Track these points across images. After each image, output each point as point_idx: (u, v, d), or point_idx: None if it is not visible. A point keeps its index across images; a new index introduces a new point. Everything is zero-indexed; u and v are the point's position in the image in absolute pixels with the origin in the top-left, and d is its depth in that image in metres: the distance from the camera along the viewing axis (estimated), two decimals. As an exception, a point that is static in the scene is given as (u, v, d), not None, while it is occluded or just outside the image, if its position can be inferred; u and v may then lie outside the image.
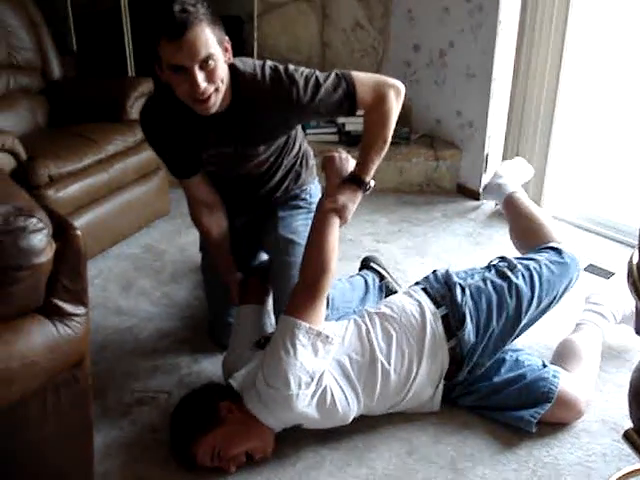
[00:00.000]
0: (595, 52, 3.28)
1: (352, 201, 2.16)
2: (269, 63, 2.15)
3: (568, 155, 3.45)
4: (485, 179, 3.76)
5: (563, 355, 2.32)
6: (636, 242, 1.36)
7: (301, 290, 2.05)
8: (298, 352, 1.93)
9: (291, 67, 2.13)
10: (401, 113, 4.06)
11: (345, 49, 4.21)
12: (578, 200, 3.59)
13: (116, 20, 4.05)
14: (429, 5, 3.83)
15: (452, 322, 2.17)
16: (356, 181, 2.17)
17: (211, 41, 1.92)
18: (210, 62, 1.93)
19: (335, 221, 2.12)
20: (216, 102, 2.02)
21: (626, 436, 1.37)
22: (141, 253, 3.28)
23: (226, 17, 3.73)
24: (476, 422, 2.18)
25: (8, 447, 1.60)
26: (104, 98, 3.46)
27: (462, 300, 2.19)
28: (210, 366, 2.45)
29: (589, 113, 3.50)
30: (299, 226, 2.44)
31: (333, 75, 2.15)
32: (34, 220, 1.47)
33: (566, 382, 2.16)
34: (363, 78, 2.18)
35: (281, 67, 2.13)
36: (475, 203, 3.79)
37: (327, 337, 1.99)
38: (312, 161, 2.62)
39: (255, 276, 2.49)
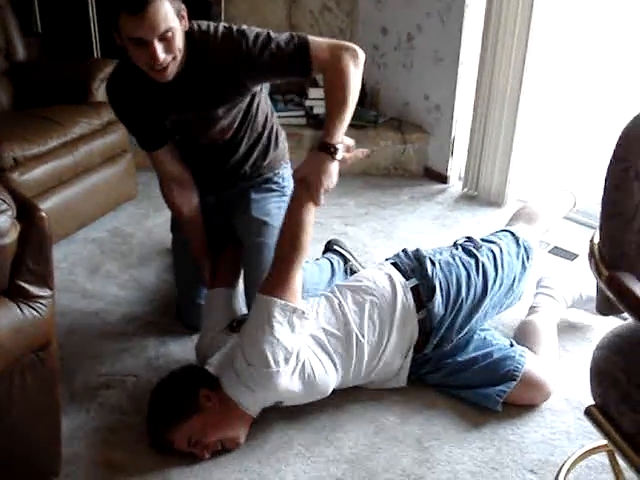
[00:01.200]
0: (561, 35, 3.31)
1: (321, 169, 2.05)
2: (223, 23, 2.18)
3: (534, 139, 3.48)
4: (452, 162, 3.79)
5: (524, 337, 2.36)
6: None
7: (275, 268, 2.06)
8: (275, 329, 1.95)
9: (244, 26, 2.15)
10: (369, 96, 4.11)
11: (313, 32, 4.17)
12: (543, 183, 3.63)
13: (81, 1, 3.99)
14: (397, -12, 3.84)
15: (422, 293, 2.20)
16: (320, 147, 2.08)
17: (170, 14, 1.96)
18: (169, 34, 1.98)
19: (307, 199, 2.08)
20: (173, 70, 2.07)
21: (588, 413, 1.40)
22: (108, 237, 3.25)
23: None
24: (442, 402, 2.21)
25: (-26, 430, 1.60)
26: (69, 80, 3.41)
27: (432, 272, 2.22)
28: (178, 348, 2.45)
29: (555, 96, 3.54)
30: (272, 209, 2.44)
31: (286, 33, 2.16)
32: (-3, 201, 1.46)
33: (532, 363, 2.20)
34: (318, 39, 2.16)
35: (234, 26, 2.15)
36: (442, 186, 3.81)
37: (302, 312, 2.02)
38: (283, 143, 2.61)
39: (224, 257, 2.49)
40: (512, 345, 2.26)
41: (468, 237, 2.42)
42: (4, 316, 1.53)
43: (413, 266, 2.27)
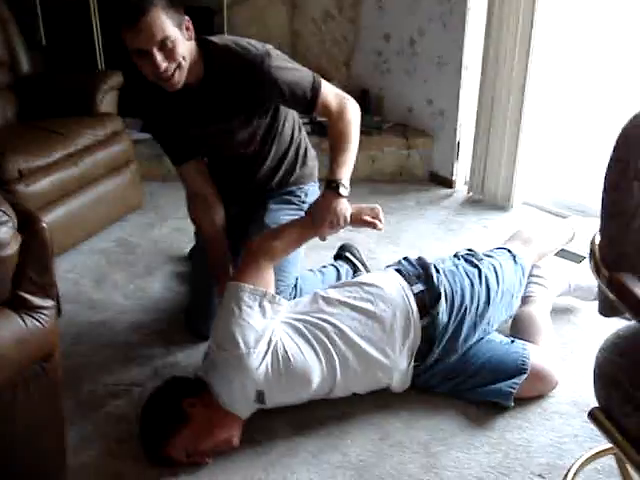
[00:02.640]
0: (563, 38, 3.30)
1: (325, 206, 2.16)
2: (248, 40, 2.24)
3: (538, 141, 3.47)
4: (457, 167, 3.78)
5: (523, 327, 2.38)
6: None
7: (245, 256, 2.12)
8: (244, 312, 1.98)
9: (270, 47, 2.23)
10: (374, 102, 4.11)
11: (315, 39, 4.20)
12: (549, 186, 3.62)
13: (85, 13, 4.02)
14: (399, -7, 3.85)
15: (427, 300, 2.19)
16: (326, 185, 2.19)
17: (166, 24, 2.02)
18: (168, 43, 2.03)
19: (308, 225, 2.18)
20: (181, 78, 2.12)
21: (592, 415, 1.39)
22: (114, 247, 3.26)
23: (196, 8, 3.72)
24: (448, 406, 2.20)
25: (-22, 442, 1.59)
26: (74, 92, 3.43)
27: (437, 279, 2.21)
28: (184, 358, 2.45)
29: (558, 98, 3.53)
30: (285, 220, 2.44)
31: (306, 71, 2.28)
32: (-2, 213, 1.47)
33: (537, 354, 2.20)
34: (328, 86, 2.31)
35: (260, 45, 2.22)
36: (447, 191, 3.81)
37: (273, 297, 2.04)
38: (313, 162, 2.66)
39: None
40: (513, 341, 2.25)
41: (469, 249, 2.42)
42: (6, 327, 1.53)
43: (417, 273, 2.26)
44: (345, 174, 2.19)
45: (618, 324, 1.53)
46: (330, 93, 2.29)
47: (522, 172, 3.47)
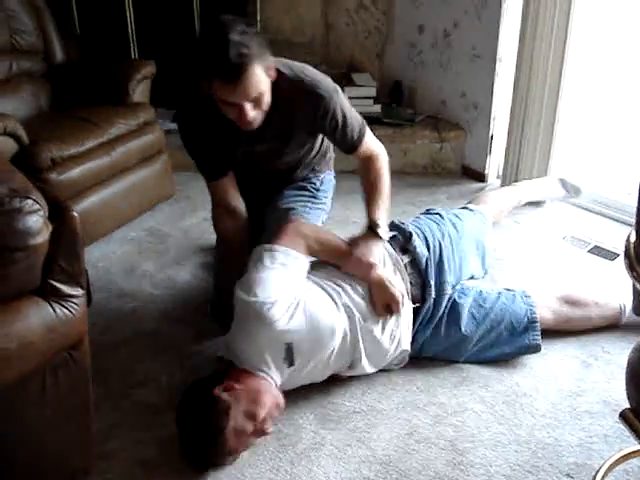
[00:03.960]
0: (600, 30, 3.25)
1: (366, 245, 2.23)
2: (314, 73, 2.27)
3: (573, 135, 3.43)
4: (490, 160, 3.74)
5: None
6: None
7: (286, 229, 2.21)
8: (266, 267, 2.05)
9: (332, 86, 2.26)
10: (406, 94, 4.08)
11: (349, 30, 4.17)
12: (583, 181, 3.57)
13: (119, 3, 4.04)
14: (433, -15, 3.81)
15: (402, 241, 2.37)
16: (369, 227, 2.28)
17: (261, 78, 2.02)
18: (259, 97, 2.05)
19: (345, 252, 2.24)
20: (259, 121, 2.14)
21: (623, 416, 1.38)
22: (145, 236, 3.28)
23: (230, -3, 3.73)
24: (476, 403, 2.18)
25: (8, 428, 1.61)
26: (107, 81, 3.45)
27: (404, 224, 2.43)
28: (212, 346, 2.44)
29: (594, 94, 3.48)
30: (297, 205, 2.50)
31: (358, 118, 2.36)
32: (29, 201, 1.48)
33: (539, 299, 2.41)
34: (371, 135, 2.41)
35: (323, 80, 2.25)
36: (480, 185, 3.77)
37: (297, 257, 2.11)
38: (330, 153, 2.69)
39: None
40: (509, 290, 2.43)
41: (427, 209, 2.67)
42: (37, 315, 1.54)
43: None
44: (383, 217, 2.27)
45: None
46: (371, 141, 2.39)
47: (556, 167, 3.42)
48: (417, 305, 2.29)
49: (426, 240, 2.38)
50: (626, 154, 3.59)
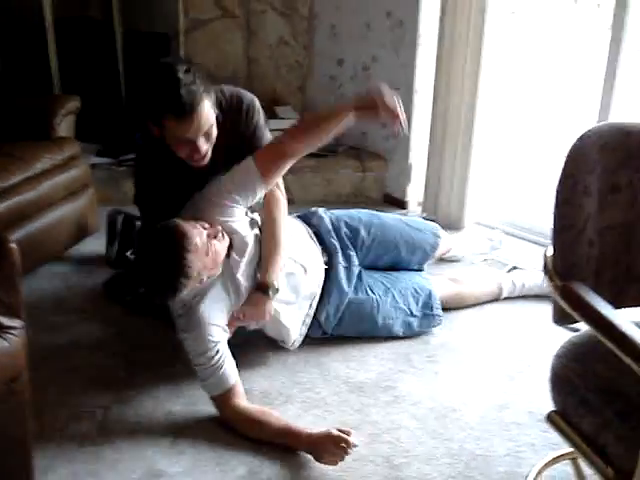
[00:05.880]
0: (512, 60, 3.44)
1: (256, 306, 2.34)
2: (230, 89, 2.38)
3: (489, 162, 3.59)
4: (410, 188, 3.87)
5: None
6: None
7: (277, 151, 2.35)
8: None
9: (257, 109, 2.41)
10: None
11: (271, 64, 4.27)
12: (499, 206, 3.73)
13: (41, 37, 4.02)
14: (351, 21, 3.94)
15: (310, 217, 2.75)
16: (259, 288, 2.35)
17: (210, 112, 2.11)
18: (210, 129, 2.13)
19: (344, 109, 2.35)
20: (209, 154, 2.21)
21: (549, 418, 1.46)
22: (72, 271, 3.25)
23: (153, 34, 3.78)
24: (409, 420, 2.26)
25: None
26: (31, 116, 3.40)
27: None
28: (147, 376, 2.45)
29: (508, 120, 3.66)
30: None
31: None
32: (-33, 234, 1.48)
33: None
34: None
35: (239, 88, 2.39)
36: (401, 212, 3.89)
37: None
38: None
39: None
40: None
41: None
42: (-25, 347, 1.54)
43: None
44: (276, 274, 2.35)
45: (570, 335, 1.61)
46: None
47: (473, 193, 3.57)
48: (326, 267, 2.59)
49: (337, 219, 2.76)
50: (541, 180, 3.78)
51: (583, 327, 1.39)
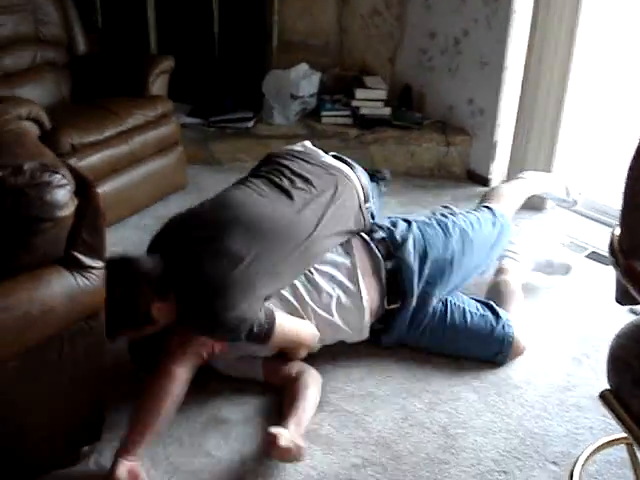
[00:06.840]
0: (605, 42, 3.34)
1: None
2: None
3: (577, 143, 3.51)
4: (494, 166, 3.83)
5: (497, 295, 2.57)
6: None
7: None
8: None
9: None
10: (415, 98, 4.17)
11: (362, 35, 4.27)
12: (584, 188, 3.65)
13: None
14: (446, -7, 3.91)
15: (390, 245, 2.40)
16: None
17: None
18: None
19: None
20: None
21: (602, 397, 1.46)
22: (157, 224, 3.36)
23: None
24: (469, 392, 2.28)
25: (24, 390, 1.70)
26: (127, 74, 3.55)
27: (400, 229, 2.43)
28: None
29: (598, 103, 3.56)
30: None
31: None
32: (58, 176, 1.58)
33: (517, 330, 2.42)
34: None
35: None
36: (483, 189, 3.85)
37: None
38: None
39: None
40: (490, 307, 2.44)
41: (445, 206, 2.66)
42: (59, 284, 1.64)
43: (386, 226, 2.48)
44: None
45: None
46: None
47: (558, 173, 3.50)
48: (394, 307, 2.36)
49: (425, 252, 2.38)
50: (627, 162, 3.68)
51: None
